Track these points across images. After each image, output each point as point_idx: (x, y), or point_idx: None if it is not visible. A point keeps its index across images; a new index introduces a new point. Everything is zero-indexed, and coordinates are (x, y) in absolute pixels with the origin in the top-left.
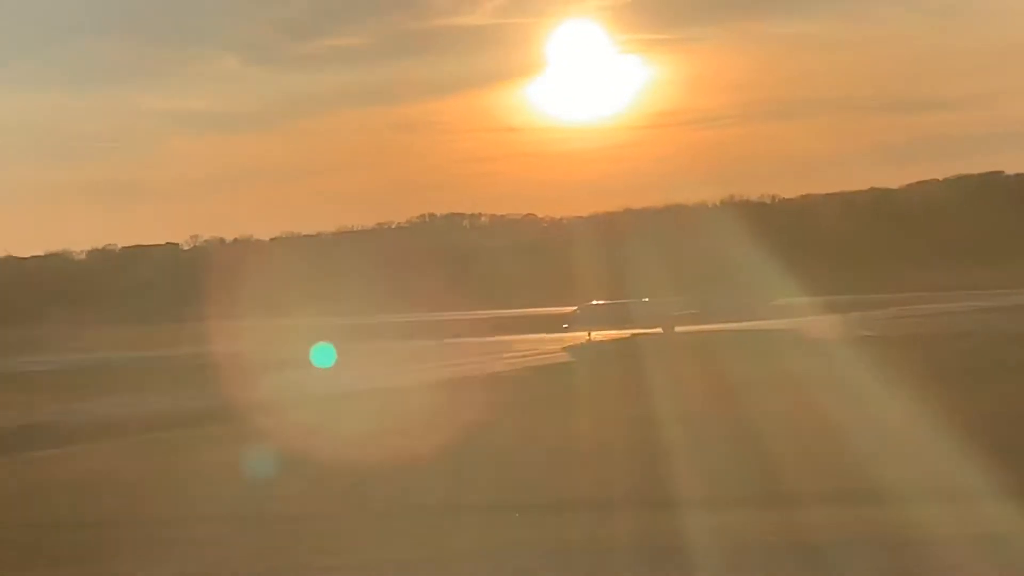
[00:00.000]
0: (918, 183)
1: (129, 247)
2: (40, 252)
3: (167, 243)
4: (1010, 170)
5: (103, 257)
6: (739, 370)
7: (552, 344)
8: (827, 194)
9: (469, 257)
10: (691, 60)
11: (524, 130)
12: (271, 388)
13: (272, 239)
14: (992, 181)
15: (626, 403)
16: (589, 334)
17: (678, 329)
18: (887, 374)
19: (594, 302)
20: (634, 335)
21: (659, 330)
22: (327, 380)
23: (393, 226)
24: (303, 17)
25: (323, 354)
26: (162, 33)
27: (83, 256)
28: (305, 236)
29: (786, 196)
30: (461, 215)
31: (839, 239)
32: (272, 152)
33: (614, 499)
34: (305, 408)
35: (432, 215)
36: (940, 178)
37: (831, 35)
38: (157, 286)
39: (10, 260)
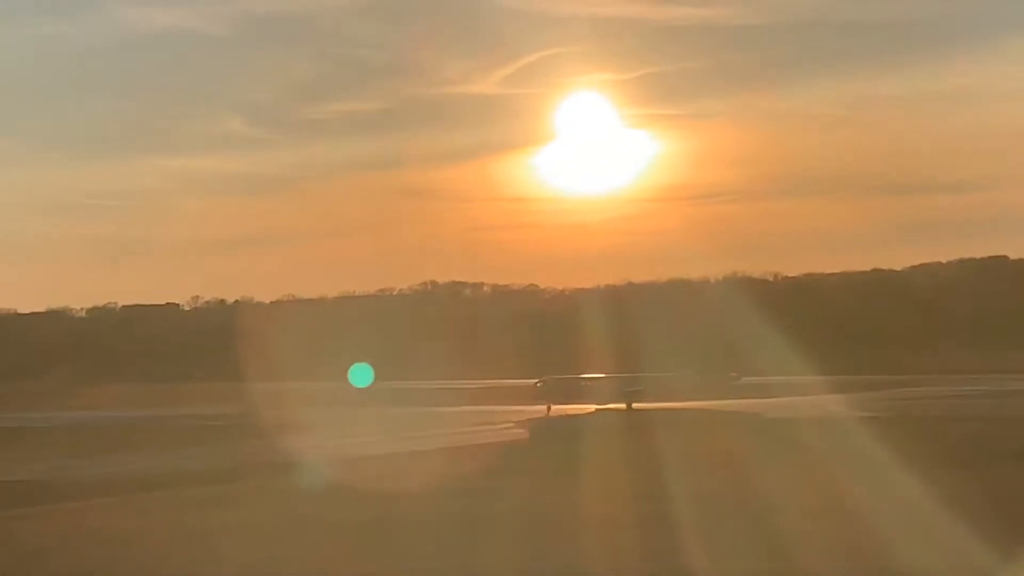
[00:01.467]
0: (922, 264)
1: (130, 306)
2: (41, 308)
3: (168, 303)
4: (1014, 255)
5: (104, 315)
6: (675, 449)
7: (513, 417)
8: (830, 273)
9: (469, 326)
10: (697, 135)
11: (530, 200)
12: (264, 450)
13: (273, 302)
14: (996, 265)
15: (550, 479)
16: (548, 408)
17: (635, 406)
18: (829, 454)
19: (556, 376)
20: (594, 411)
21: (621, 405)
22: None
23: (395, 292)
24: (312, 81)
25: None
26: (170, 93)
27: (83, 313)
28: (306, 300)
29: (789, 274)
30: (463, 284)
31: (841, 318)
32: (277, 215)
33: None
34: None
35: (434, 283)
36: (944, 260)
37: (836, 113)
38: (157, 345)
39: (12, 315)
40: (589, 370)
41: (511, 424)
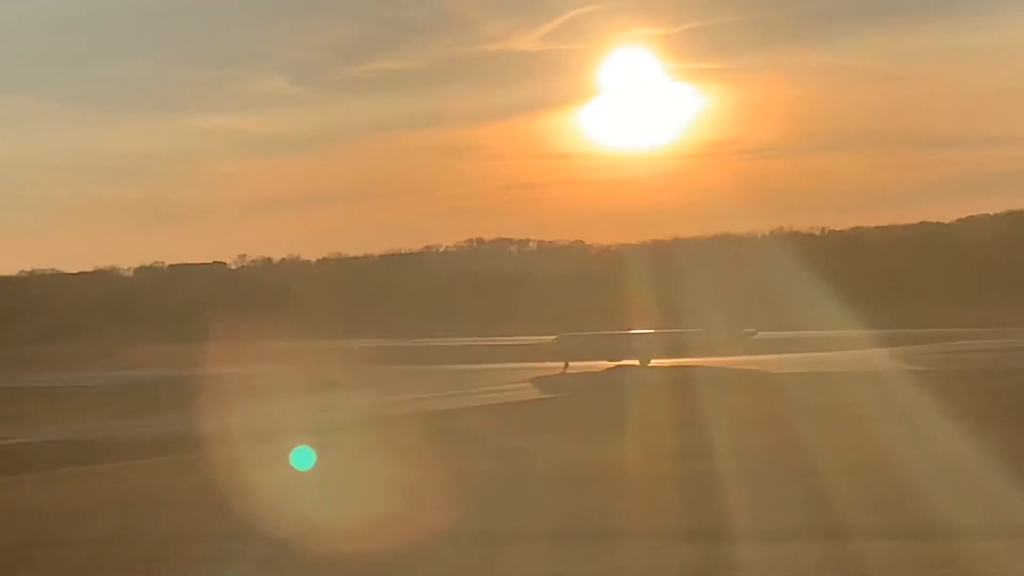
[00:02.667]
0: (969, 217)
1: (176, 265)
2: (88, 268)
3: (214, 262)
4: None
5: (150, 275)
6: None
7: (529, 374)
8: (877, 227)
9: (516, 283)
10: (743, 90)
11: (574, 156)
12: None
13: (319, 260)
14: None
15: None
16: (566, 365)
17: (652, 363)
18: (842, 410)
19: (572, 333)
20: (608, 368)
21: (635, 362)
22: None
23: (441, 250)
24: (353, 40)
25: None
26: (211, 54)
27: (130, 273)
28: (352, 258)
29: (836, 228)
30: (509, 240)
31: (889, 272)
32: (320, 174)
33: None
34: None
35: (480, 240)
36: (991, 213)
37: (883, 68)
38: (204, 304)
39: (58, 275)
40: (628, 326)
41: (526, 382)
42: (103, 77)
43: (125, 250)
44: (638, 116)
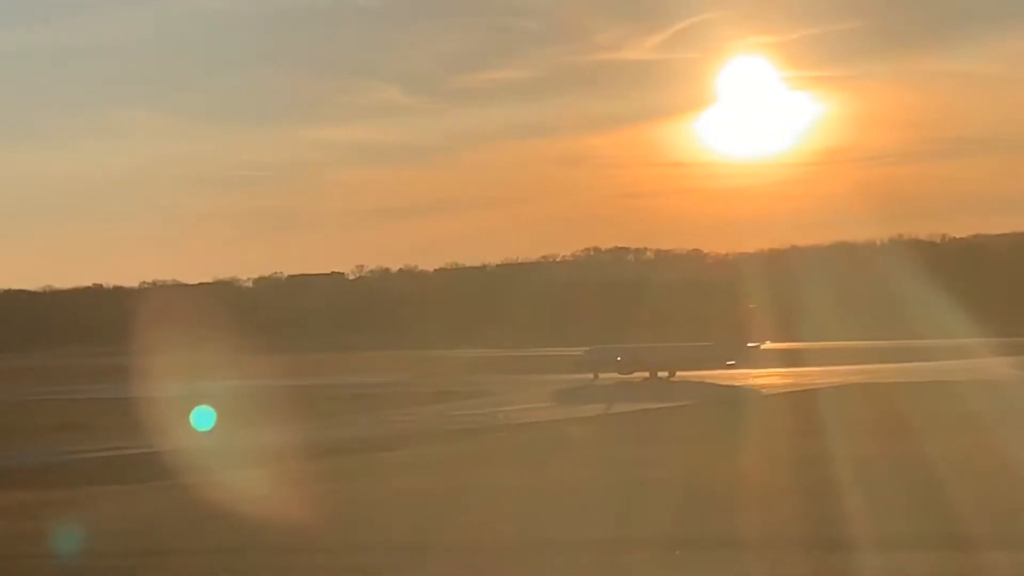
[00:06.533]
0: None
1: (295, 276)
2: (208, 279)
3: (332, 272)
4: None
5: (270, 285)
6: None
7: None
8: (999, 234)
9: (634, 292)
10: (859, 97)
11: (690, 165)
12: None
13: (436, 270)
14: None
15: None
16: (596, 376)
17: (679, 374)
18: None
19: (602, 346)
20: (639, 379)
21: (665, 374)
22: None
23: (558, 259)
24: (465, 50)
25: None
26: (325, 65)
27: (250, 284)
28: (469, 268)
29: (957, 235)
30: (626, 249)
31: (1010, 280)
32: (436, 183)
33: None
34: None
35: (596, 249)
36: None
37: (999, 72)
38: (323, 315)
39: (178, 286)
40: (658, 339)
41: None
42: (221, 90)
43: (244, 261)
44: (754, 124)
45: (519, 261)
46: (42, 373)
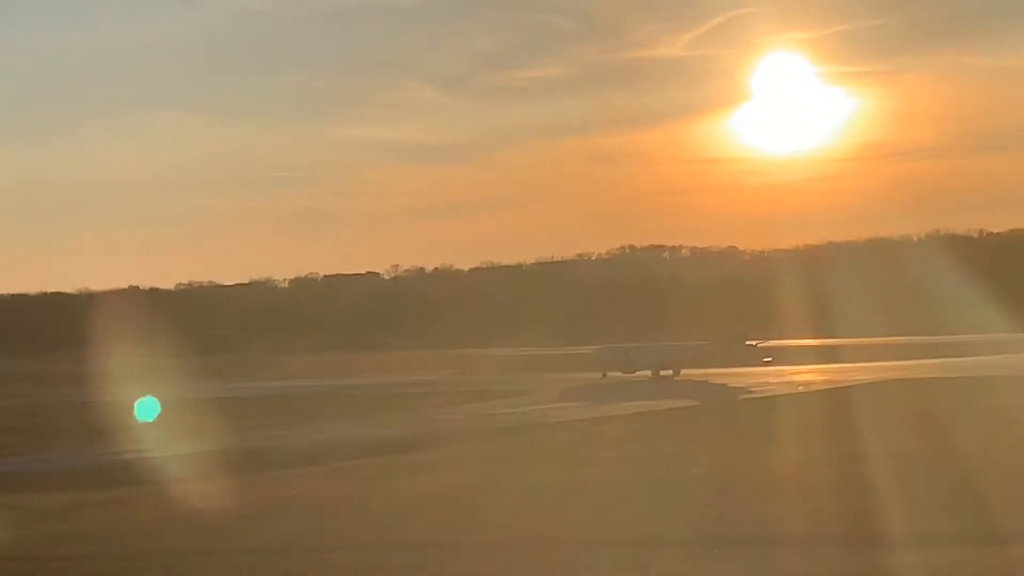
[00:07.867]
0: None
1: (331, 276)
2: (244, 280)
3: (368, 272)
4: None
5: (305, 285)
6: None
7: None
8: None
9: (670, 289)
10: (895, 92)
11: (725, 161)
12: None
13: (472, 269)
14: None
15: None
16: (604, 375)
17: (684, 372)
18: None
19: (611, 345)
20: (642, 378)
21: (670, 372)
22: None
23: (593, 257)
24: (500, 49)
25: None
26: (360, 65)
27: (286, 284)
28: (505, 266)
29: (994, 230)
30: (661, 247)
31: None
32: (470, 182)
33: None
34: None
35: (632, 247)
36: None
37: None
38: (359, 314)
39: (214, 287)
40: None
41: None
42: (256, 90)
43: (280, 261)
44: (788, 120)
45: (554, 260)
46: (77, 376)
